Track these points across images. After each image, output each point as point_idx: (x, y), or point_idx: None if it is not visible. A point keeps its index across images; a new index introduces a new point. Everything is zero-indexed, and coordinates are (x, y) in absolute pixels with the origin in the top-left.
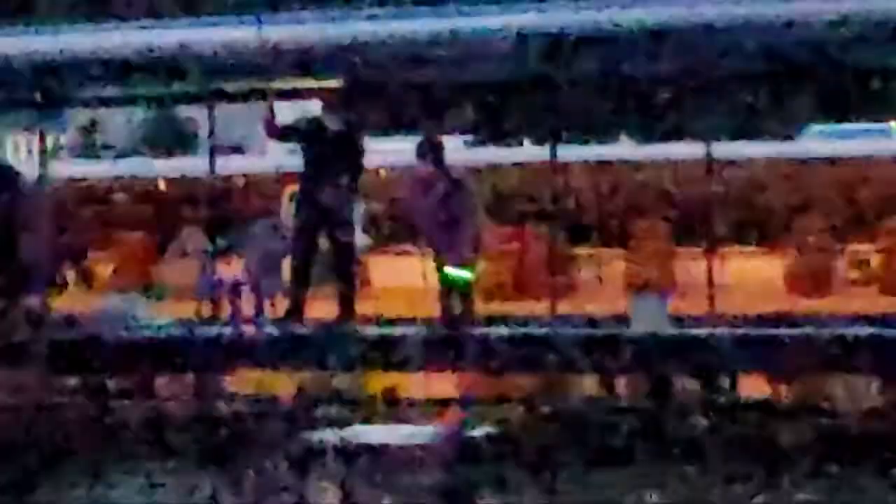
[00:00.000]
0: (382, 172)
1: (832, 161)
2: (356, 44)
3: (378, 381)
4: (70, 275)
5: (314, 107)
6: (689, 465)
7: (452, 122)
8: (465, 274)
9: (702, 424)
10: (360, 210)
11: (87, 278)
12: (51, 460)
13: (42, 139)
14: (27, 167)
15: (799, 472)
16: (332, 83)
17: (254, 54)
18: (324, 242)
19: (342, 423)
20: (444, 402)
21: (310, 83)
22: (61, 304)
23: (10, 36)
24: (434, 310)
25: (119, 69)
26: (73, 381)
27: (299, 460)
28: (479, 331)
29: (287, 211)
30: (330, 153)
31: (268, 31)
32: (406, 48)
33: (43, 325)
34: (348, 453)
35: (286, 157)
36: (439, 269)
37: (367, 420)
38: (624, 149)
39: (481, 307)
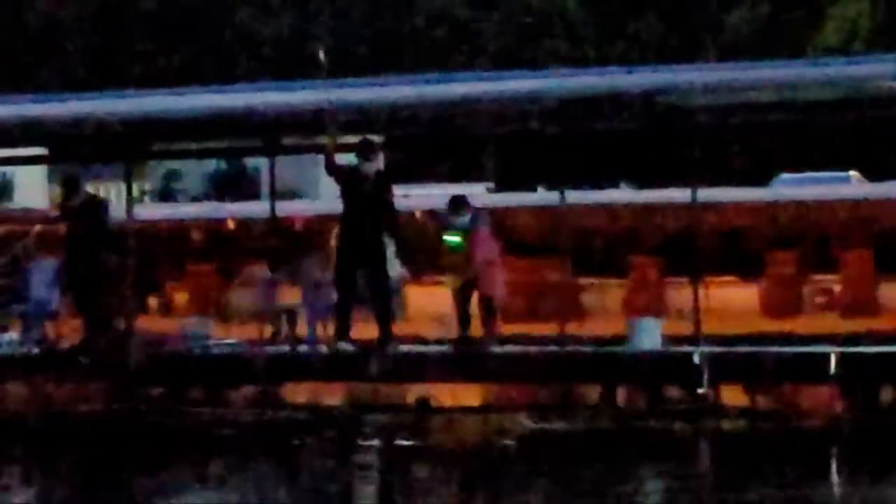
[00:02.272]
0: (417, 214)
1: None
2: (389, 106)
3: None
4: (152, 301)
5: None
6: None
7: (476, 171)
8: (456, 239)
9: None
10: (396, 245)
11: (167, 304)
12: (136, 460)
13: (129, 186)
14: (118, 211)
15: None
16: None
17: (307, 115)
18: (362, 274)
19: (384, 429)
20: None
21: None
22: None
23: (104, 99)
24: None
25: (194, 127)
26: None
27: (349, 462)
28: (500, 348)
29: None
30: (368, 196)
31: (319, 96)
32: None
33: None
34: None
35: (334, 202)
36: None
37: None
38: (622, 194)
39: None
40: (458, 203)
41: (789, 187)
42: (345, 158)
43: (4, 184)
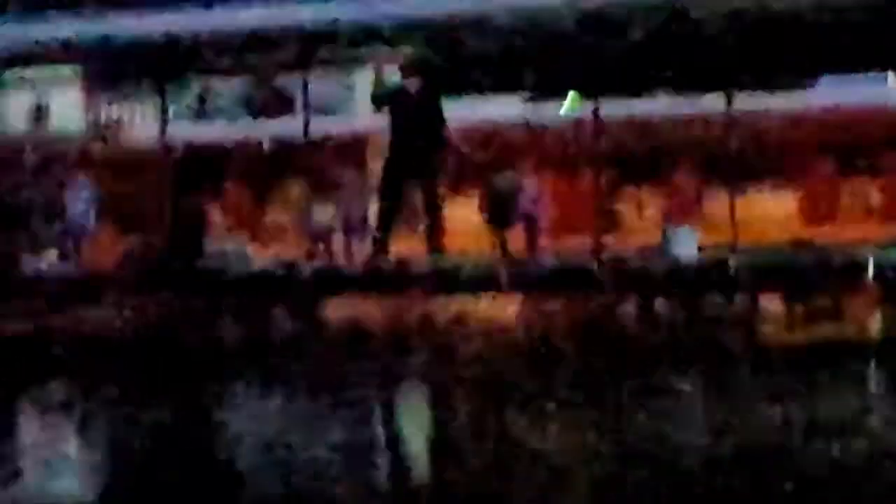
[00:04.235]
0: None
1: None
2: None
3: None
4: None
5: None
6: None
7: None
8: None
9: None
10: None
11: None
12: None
13: (164, 105)
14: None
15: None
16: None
17: (340, 28)
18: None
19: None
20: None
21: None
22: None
23: (137, 17)
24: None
25: (227, 45)
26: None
27: (386, 383)
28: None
29: (371, 164)
30: (414, 113)
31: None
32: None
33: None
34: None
35: (370, 119)
36: None
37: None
38: (657, 104)
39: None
40: None
41: (825, 92)
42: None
43: (40, 107)
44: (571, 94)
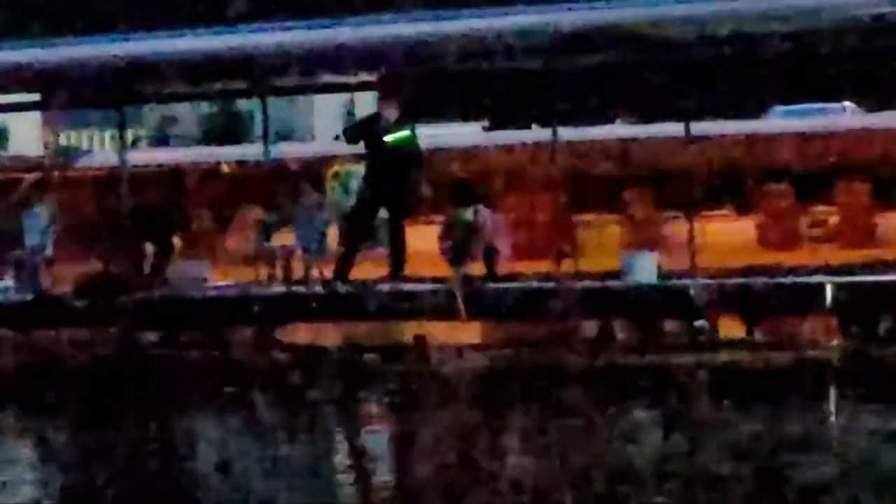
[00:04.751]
0: None
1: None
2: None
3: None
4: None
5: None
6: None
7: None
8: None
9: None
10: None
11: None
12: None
13: (122, 132)
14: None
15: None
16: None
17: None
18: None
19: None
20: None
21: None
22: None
23: (96, 43)
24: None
25: (187, 71)
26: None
27: (346, 399)
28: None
29: (330, 188)
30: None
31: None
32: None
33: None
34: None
35: (328, 144)
36: None
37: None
38: (617, 129)
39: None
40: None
41: (784, 119)
42: (333, 99)
43: None
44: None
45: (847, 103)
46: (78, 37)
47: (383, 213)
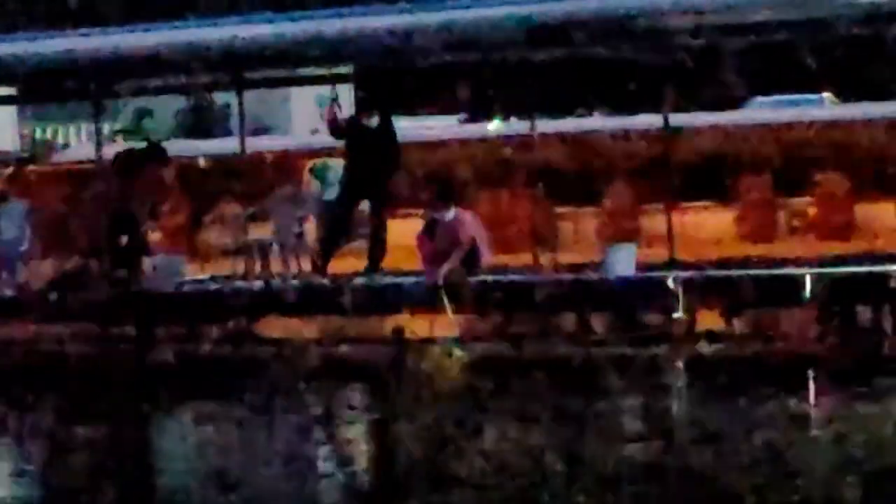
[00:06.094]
0: None
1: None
2: (367, 36)
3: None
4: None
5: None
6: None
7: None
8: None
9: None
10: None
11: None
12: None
13: (98, 125)
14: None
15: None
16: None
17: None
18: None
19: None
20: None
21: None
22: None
23: (70, 37)
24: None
25: (163, 65)
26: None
27: (324, 394)
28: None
29: (308, 182)
30: (371, 146)
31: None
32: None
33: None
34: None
35: (306, 137)
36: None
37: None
38: (595, 121)
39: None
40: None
41: (762, 111)
42: (309, 91)
43: None
44: None
45: (825, 94)
46: (53, 30)
47: (363, 206)
